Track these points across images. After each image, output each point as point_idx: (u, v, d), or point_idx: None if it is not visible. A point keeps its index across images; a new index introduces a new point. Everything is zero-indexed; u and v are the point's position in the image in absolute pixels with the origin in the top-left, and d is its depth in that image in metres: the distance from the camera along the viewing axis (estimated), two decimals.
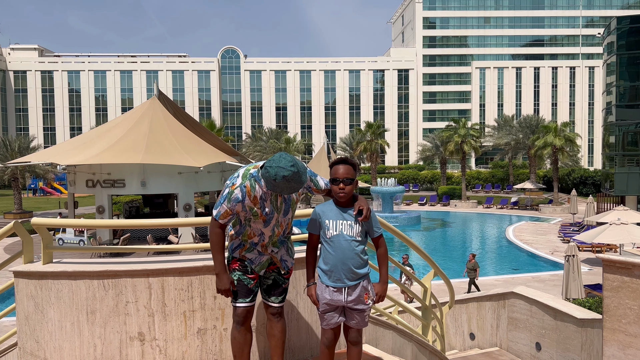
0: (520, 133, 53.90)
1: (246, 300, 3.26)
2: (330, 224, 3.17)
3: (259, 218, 3.15)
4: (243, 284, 3.25)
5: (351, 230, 3.15)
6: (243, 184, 3.06)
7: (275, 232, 3.24)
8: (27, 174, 43.17)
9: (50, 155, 26.89)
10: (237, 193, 3.06)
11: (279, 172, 2.80)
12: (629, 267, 4.16)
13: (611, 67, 40.70)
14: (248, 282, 3.26)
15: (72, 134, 77.35)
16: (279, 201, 3.16)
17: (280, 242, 3.31)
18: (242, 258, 3.27)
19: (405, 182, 59.46)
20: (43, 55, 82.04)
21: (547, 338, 8.79)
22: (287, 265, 3.35)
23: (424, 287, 5.85)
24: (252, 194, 3.07)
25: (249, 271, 3.27)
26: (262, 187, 3.07)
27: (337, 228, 3.16)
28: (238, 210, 3.11)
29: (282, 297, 3.37)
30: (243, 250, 3.26)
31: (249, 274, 3.27)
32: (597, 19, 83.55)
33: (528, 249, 26.33)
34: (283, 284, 3.36)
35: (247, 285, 3.25)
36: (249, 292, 3.27)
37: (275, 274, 3.32)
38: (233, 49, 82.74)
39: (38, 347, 3.63)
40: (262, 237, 3.23)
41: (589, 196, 32.18)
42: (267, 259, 3.30)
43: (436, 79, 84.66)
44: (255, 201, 3.09)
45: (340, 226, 3.16)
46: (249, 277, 3.26)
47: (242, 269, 3.27)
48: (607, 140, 42.36)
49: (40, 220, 3.68)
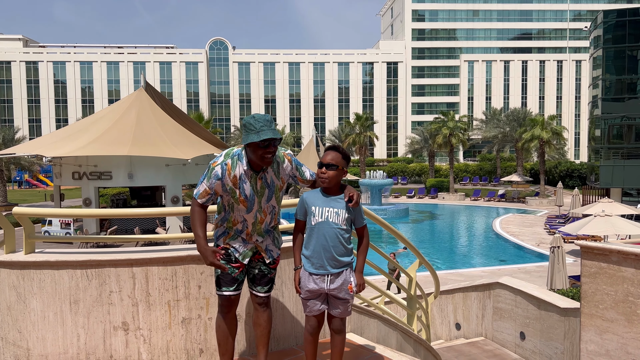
0: (507, 126, 54.29)
1: (230, 289, 3.22)
2: (316, 211, 3.18)
3: (239, 204, 3.11)
4: (226, 273, 3.21)
5: (337, 218, 3.17)
6: (224, 161, 3.07)
7: (258, 218, 3.18)
8: (12, 166, 42.68)
9: (35, 147, 26.55)
10: (217, 170, 3.06)
11: (253, 116, 2.99)
12: (605, 254, 4.23)
13: (597, 61, 41.06)
14: (232, 271, 3.21)
15: (57, 125, 76.44)
16: (259, 185, 3.11)
17: (265, 232, 3.26)
18: (226, 246, 3.23)
19: (394, 174, 59.66)
20: (28, 46, 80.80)
21: (531, 327, 8.91)
22: (272, 255, 3.31)
23: (409, 277, 5.90)
24: (232, 172, 3.07)
25: (232, 260, 3.21)
26: (243, 166, 3.07)
27: (323, 215, 3.17)
28: (218, 190, 3.08)
29: (269, 287, 3.33)
30: (227, 238, 3.23)
31: (232, 262, 3.21)
32: (584, 12, 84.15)
33: (514, 241, 26.60)
34: (269, 273, 3.32)
35: (230, 274, 3.21)
36: (233, 281, 3.23)
37: (261, 263, 3.28)
38: (221, 40, 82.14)
39: (21, 337, 3.61)
40: (245, 224, 3.18)
41: (574, 189, 32.56)
42: (252, 247, 3.25)
43: (425, 72, 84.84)
44: (235, 181, 3.07)
45: (326, 213, 3.17)
46: (232, 266, 3.21)
47: (226, 257, 3.22)
48: (593, 134, 42.82)
49: (22, 209, 3.65)
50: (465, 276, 18.87)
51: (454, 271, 20.33)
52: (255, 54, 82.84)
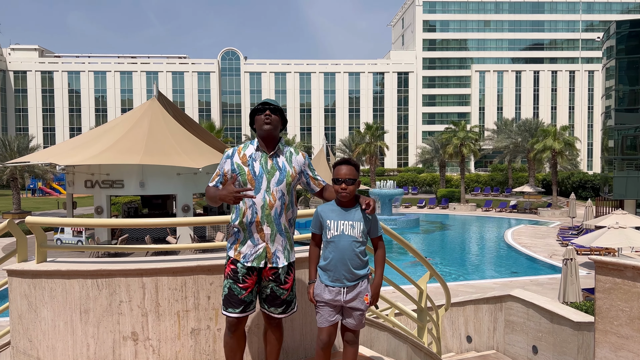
0: (519, 136, 53.94)
1: (235, 311, 3.13)
2: (332, 224, 3.18)
3: (248, 183, 3.11)
4: (233, 294, 3.11)
5: (353, 231, 3.17)
6: (237, 146, 3.26)
7: (266, 201, 3.10)
8: (26, 174, 43.20)
9: (49, 155, 26.86)
10: (229, 151, 3.24)
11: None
12: (620, 269, 4.15)
13: (610, 72, 40.76)
14: (238, 292, 3.11)
15: (71, 134, 77.38)
16: (269, 164, 3.15)
17: (276, 225, 3.14)
18: (236, 259, 3.14)
19: (405, 184, 59.46)
20: (43, 56, 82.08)
21: (543, 341, 8.78)
22: (277, 261, 3.17)
23: (420, 289, 5.84)
24: (242, 151, 3.19)
25: (239, 279, 3.12)
26: (253, 146, 3.19)
27: (339, 228, 3.17)
28: (226, 169, 3.17)
29: (283, 308, 3.22)
30: (238, 245, 3.15)
31: (239, 282, 3.12)
32: (596, 23, 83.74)
33: (526, 253, 26.32)
34: (281, 295, 3.19)
35: (237, 296, 3.11)
36: (240, 302, 3.12)
37: (272, 283, 3.17)
38: (233, 50, 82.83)
39: (31, 346, 3.62)
40: (253, 209, 3.09)
41: (587, 200, 32.21)
42: (263, 248, 3.14)
43: (436, 82, 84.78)
44: (245, 160, 3.15)
45: (341, 226, 3.17)
46: (239, 287, 3.12)
47: (234, 275, 3.13)
48: (606, 144, 42.41)
49: (35, 219, 3.67)
50: (476, 288, 18.68)
51: (465, 283, 20.15)
52: (266, 64, 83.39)
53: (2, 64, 77.26)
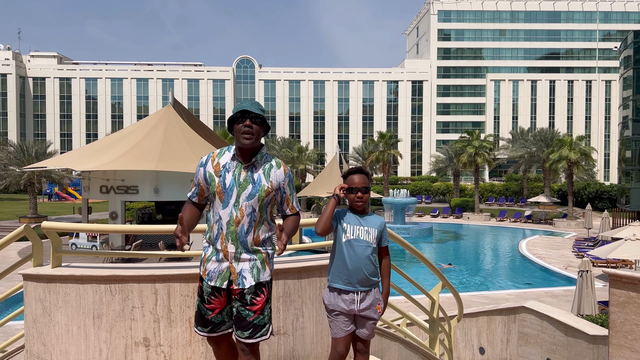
0: (534, 146, 53.45)
1: (204, 330, 2.93)
2: (349, 228, 3.25)
3: (216, 197, 2.83)
4: (200, 313, 2.92)
5: (368, 236, 3.24)
6: (213, 151, 2.97)
7: (233, 216, 2.79)
8: (43, 179, 43.78)
9: (65, 160, 27.23)
10: (204, 158, 2.97)
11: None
12: (635, 282, 4.08)
13: (628, 81, 40.29)
14: (205, 312, 2.89)
15: (87, 140, 78.39)
16: (242, 175, 2.83)
17: (241, 244, 2.81)
18: (202, 276, 2.91)
19: (418, 193, 59.16)
20: (62, 63, 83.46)
21: (558, 354, 8.65)
22: (243, 282, 2.82)
23: (432, 299, 5.80)
24: (216, 159, 2.90)
25: (205, 299, 2.88)
26: (230, 154, 2.90)
27: (355, 233, 3.23)
28: (200, 178, 2.92)
29: (250, 332, 2.81)
30: (205, 261, 2.89)
31: (205, 302, 2.88)
32: (614, 32, 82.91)
33: (541, 264, 25.99)
34: (247, 316, 2.81)
35: (204, 316, 2.90)
36: (207, 322, 2.90)
37: (238, 302, 2.83)
38: (248, 58, 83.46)
39: (45, 350, 3.66)
40: (220, 224, 2.81)
41: (604, 211, 31.73)
42: (227, 268, 2.84)
43: (450, 91, 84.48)
44: (217, 169, 2.86)
45: (357, 231, 3.23)
46: (205, 307, 2.89)
47: (201, 294, 2.93)
48: (624, 155, 41.83)
49: (50, 224, 3.73)
50: (490, 299, 18.48)
51: (479, 293, 19.94)
52: (281, 72, 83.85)
53: (21, 70, 78.70)
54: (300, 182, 55.47)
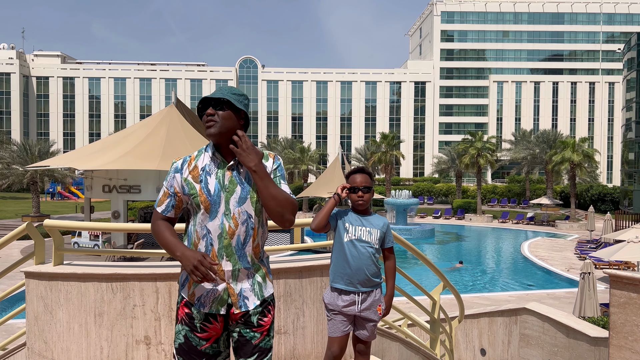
0: (537, 148, 53.37)
1: None
2: (350, 228, 3.22)
3: (201, 206, 2.31)
4: (190, 344, 2.34)
5: (370, 237, 3.21)
6: (190, 154, 2.45)
7: (225, 227, 2.30)
8: (46, 178, 43.88)
9: (68, 159, 27.29)
10: (178, 162, 2.43)
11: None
12: (636, 283, 4.08)
13: (631, 83, 40.21)
14: (197, 343, 2.34)
15: (91, 139, 78.60)
16: (227, 177, 2.33)
17: (240, 257, 2.33)
18: (190, 301, 2.37)
19: (420, 194, 59.11)
20: (65, 62, 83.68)
21: (559, 356, 8.64)
22: (246, 305, 2.34)
23: (433, 300, 5.80)
24: (193, 163, 2.39)
25: (197, 327, 2.34)
26: (209, 154, 2.39)
27: (356, 233, 3.20)
28: (176, 187, 2.38)
29: (255, 357, 2.35)
30: (191, 283, 2.37)
31: (197, 331, 2.34)
32: (617, 34, 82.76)
33: (543, 265, 25.93)
34: (252, 339, 2.36)
35: (196, 347, 2.34)
36: (200, 354, 2.35)
37: (241, 325, 2.36)
38: (251, 58, 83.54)
39: (46, 347, 3.67)
40: (208, 238, 2.31)
41: (607, 213, 31.67)
42: (224, 290, 2.33)
43: (453, 92, 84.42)
44: (196, 173, 2.34)
45: (359, 232, 3.20)
46: (197, 337, 2.34)
47: (189, 322, 2.35)
48: (627, 157, 41.75)
49: (53, 222, 3.74)
50: (491, 300, 18.46)
51: (480, 295, 19.91)
52: (283, 73, 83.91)
53: (25, 69, 78.92)
54: (302, 183, 55.48)
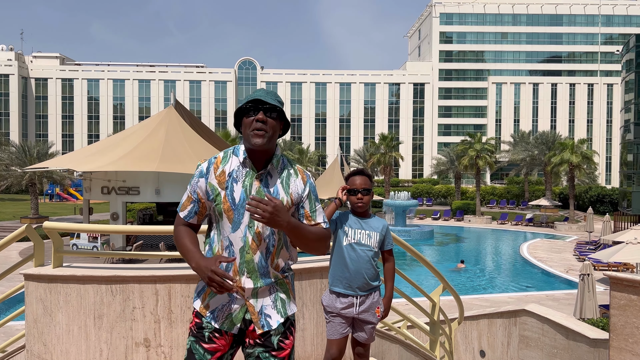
0: (536, 149, 53.44)
1: None
2: (350, 232, 3.21)
3: (224, 215, 2.18)
4: (193, 357, 2.20)
5: (369, 240, 3.21)
6: (215, 156, 2.30)
7: (248, 241, 2.16)
8: (45, 180, 43.82)
9: (67, 161, 27.26)
10: (203, 166, 2.28)
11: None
12: (636, 285, 4.08)
13: (630, 85, 40.29)
14: (201, 356, 2.18)
15: (89, 141, 78.55)
16: (255, 187, 2.18)
17: (262, 275, 2.19)
18: (201, 312, 2.24)
19: (419, 196, 59.14)
20: (64, 64, 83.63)
21: (559, 358, 8.63)
22: (269, 323, 2.20)
23: (433, 302, 5.80)
24: (220, 167, 2.23)
25: (205, 337, 2.20)
26: (238, 158, 2.23)
27: (356, 236, 3.20)
28: (200, 193, 2.24)
29: None
30: (207, 296, 2.24)
31: (204, 341, 2.19)
32: (616, 36, 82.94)
33: (542, 267, 25.95)
34: None
35: None
36: None
37: (259, 347, 2.20)
38: (250, 60, 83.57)
39: (45, 350, 3.66)
40: (230, 250, 2.18)
41: (605, 214, 31.69)
42: (242, 308, 2.20)
43: (452, 94, 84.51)
44: (222, 178, 2.20)
45: (358, 235, 3.20)
46: (202, 348, 2.19)
47: (197, 332, 2.22)
48: (625, 158, 41.81)
49: (52, 224, 3.73)
50: (490, 302, 18.46)
51: (479, 296, 19.92)
52: (282, 74, 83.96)
53: (24, 71, 78.86)
54: None
